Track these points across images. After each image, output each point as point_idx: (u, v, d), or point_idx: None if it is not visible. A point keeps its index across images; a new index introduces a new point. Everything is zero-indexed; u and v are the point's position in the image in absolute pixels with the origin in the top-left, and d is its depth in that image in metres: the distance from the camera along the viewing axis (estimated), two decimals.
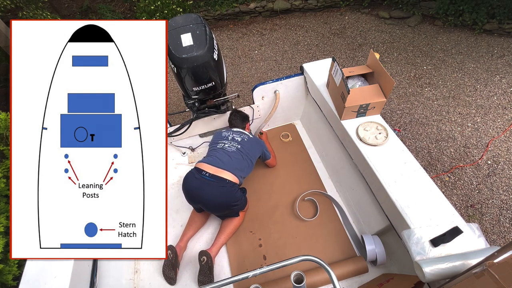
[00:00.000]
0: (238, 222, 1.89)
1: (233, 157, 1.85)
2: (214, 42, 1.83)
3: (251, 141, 2.00)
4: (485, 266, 0.83)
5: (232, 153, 1.87)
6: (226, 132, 2.05)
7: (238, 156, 1.86)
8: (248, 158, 1.90)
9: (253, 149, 1.98)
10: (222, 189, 1.72)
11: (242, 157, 1.87)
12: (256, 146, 2.03)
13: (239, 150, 1.89)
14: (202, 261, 1.67)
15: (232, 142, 1.94)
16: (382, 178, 1.47)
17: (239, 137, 1.99)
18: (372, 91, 1.71)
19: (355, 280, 1.63)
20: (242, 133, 2.04)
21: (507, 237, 2.23)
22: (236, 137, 1.99)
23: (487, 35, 3.99)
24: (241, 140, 1.96)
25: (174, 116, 3.38)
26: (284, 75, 2.33)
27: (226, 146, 1.92)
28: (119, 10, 5.53)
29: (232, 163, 1.82)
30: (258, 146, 2.04)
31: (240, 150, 1.90)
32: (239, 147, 1.91)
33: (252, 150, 1.96)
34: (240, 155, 1.87)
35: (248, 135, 2.04)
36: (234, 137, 1.98)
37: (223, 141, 1.96)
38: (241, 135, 2.01)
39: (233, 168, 1.80)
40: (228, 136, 2.01)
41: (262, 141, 2.15)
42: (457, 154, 2.79)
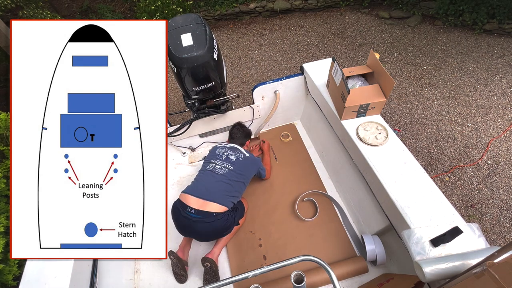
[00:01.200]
0: (238, 226, 1.88)
1: (222, 182, 1.76)
2: (214, 42, 1.83)
3: (246, 161, 1.91)
4: (485, 266, 0.83)
5: (221, 177, 1.77)
6: (221, 149, 1.96)
7: (228, 180, 1.77)
8: (241, 179, 1.83)
9: (247, 169, 1.90)
10: (210, 224, 1.64)
11: (234, 180, 1.79)
12: (251, 167, 1.95)
13: (231, 172, 1.80)
14: (206, 266, 1.67)
15: (225, 163, 1.85)
16: (382, 178, 1.47)
17: (234, 155, 1.90)
18: (372, 91, 1.71)
19: (355, 280, 1.63)
20: (238, 151, 1.94)
21: (507, 237, 2.23)
22: (231, 155, 1.90)
23: (487, 35, 3.99)
24: (235, 159, 1.88)
25: (174, 116, 3.38)
26: (284, 75, 2.33)
27: (217, 167, 1.83)
28: (119, 10, 5.53)
29: (219, 191, 1.73)
30: (253, 166, 1.97)
31: (233, 172, 1.81)
32: (231, 168, 1.82)
33: (246, 170, 1.89)
34: (232, 178, 1.79)
35: (244, 153, 1.94)
36: (228, 156, 1.90)
37: (215, 160, 1.88)
38: (237, 154, 1.91)
39: (221, 196, 1.71)
40: (222, 154, 1.92)
41: (258, 160, 2.05)
42: (457, 154, 2.79)
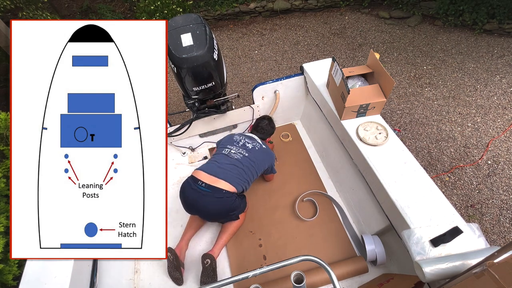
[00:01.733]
0: (238, 223, 1.88)
1: (235, 166, 1.77)
2: (214, 42, 1.83)
3: (262, 151, 1.90)
4: (485, 266, 0.83)
5: (236, 161, 1.78)
6: (238, 136, 1.94)
7: (241, 165, 1.77)
8: (253, 168, 1.81)
9: (261, 160, 1.88)
10: (219, 200, 1.67)
11: (247, 166, 1.79)
12: (266, 158, 1.92)
13: (245, 158, 1.80)
14: (206, 263, 1.66)
15: (241, 149, 1.84)
16: (382, 178, 1.47)
17: (251, 143, 1.89)
18: (372, 91, 1.71)
19: (355, 280, 1.63)
20: (255, 140, 1.93)
21: (507, 237, 2.23)
22: (248, 143, 1.89)
23: (487, 35, 3.99)
24: (251, 147, 1.87)
25: (174, 116, 3.38)
26: (284, 75, 2.33)
27: (232, 152, 1.83)
28: (119, 10, 5.53)
29: (232, 172, 1.74)
30: (268, 158, 1.93)
31: (247, 158, 1.81)
32: (246, 155, 1.82)
33: (260, 160, 1.87)
34: (245, 163, 1.78)
35: (261, 144, 1.93)
36: (245, 143, 1.88)
37: (231, 146, 1.87)
38: (254, 142, 1.90)
39: (233, 177, 1.72)
40: (239, 140, 1.91)
41: (273, 155, 2.03)
42: (457, 154, 2.79)
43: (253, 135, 1.99)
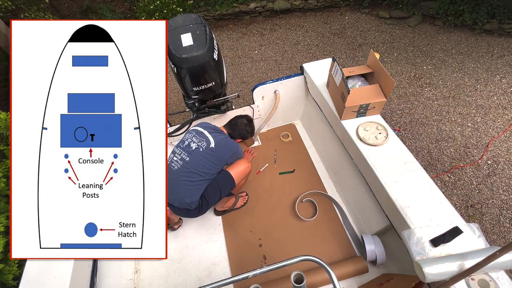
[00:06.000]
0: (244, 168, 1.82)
1: (177, 176, 1.63)
2: (214, 42, 1.83)
3: (209, 152, 1.67)
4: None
5: (176, 172, 1.64)
6: (189, 134, 1.76)
7: (182, 175, 1.62)
8: (196, 175, 1.63)
9: (205, 162, 1.66)
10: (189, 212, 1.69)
11: (187, 174, 1.62)
12: (215, 156, 1.68)
13: (185, 165, 1.64)
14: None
15: (182, 154, 1.68)
16: (382, 178, 1.47)
17: (196, 143, 1.69)
18: (372, 91, 1.71)
19: (355, 280, 1.63)
20: (204, 136, 1.71)
21: (507, 237, 2.23)
22: (193, 143, 1.69)
23: (487, 35, 3.99)
24: (195, 149, 1.67)
25: (174, 116, 3.38)
26: (284, 75, 2.33)
27: (174, 160, 1.69)
28: (119, 10, 5.53)
29: (175, 189, 1.62)
30: (218, 153, 1.69)
31: (188, 164, 1.64)
32: (187, 160, 1.65)
33: (202, 164, 1.65)
34: (185, 172, 1.62)
35: (209, 140, 1.69)
36: (190, 143, 1.70)
37: (177, 149, 1.73)
38: (200, 141, 1.69)
39: (184, 191, 1.61)
40: (186, 139, 1.74)
41: (233, 145, 1.79)
42: (457, 154, 2.79)
43: (203, 129, 1.76)
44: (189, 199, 1.62)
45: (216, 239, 1.92)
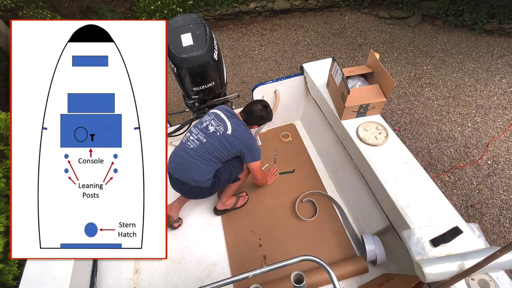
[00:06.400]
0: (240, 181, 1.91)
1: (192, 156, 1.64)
2: (214, 42, 1.83)
3: (225, 137, 1.65)
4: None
5: (192, 151, 1.65)
6: (207, 116, 1.75)
7: (197, 155, 1.64)
8: (211, 157, 1.65)
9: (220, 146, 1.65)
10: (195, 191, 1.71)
11: (202, 155, 1.64)
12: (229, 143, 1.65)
13: (202, 145, 1.64)
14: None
15: (199, 135, 1.67)
16: (382, 178, 1.47)
17: (214, 126, 1.67)
18: (372, 91, 1.71)
19: (355, 280, 1.63)
20: (222, 121, 1.68)
21: (507, 237, 2.23)
22: (211, 126, 1.68)
23: (487, 35, 3.99)
24: (212, 131, 1.65)
25: (174, 116, 3.38)
26: (284, 75, 2.33)
27: (191, 139, 1.68)
28: (119, 10, 5.53)
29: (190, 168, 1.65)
30: (233, 143, 1.66)
31: (203, 145, 1.64)
32: (204, 141, 1.64)
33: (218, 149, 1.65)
34: (201, 153, 1.64)
35: (227, 126, 1.66)
36: (208, 126, 1.68)
37: (194, 129, 1.71)
38: (219, 125, 1.67)
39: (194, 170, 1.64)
40: (205, 121, 1.72)
41: (247, 136, 1.72)
42: (457, 154, 2.79)
43: (230, 115, 1.73)
44: (203, 177, 1.67)
45: (216, 239, 1.92)
